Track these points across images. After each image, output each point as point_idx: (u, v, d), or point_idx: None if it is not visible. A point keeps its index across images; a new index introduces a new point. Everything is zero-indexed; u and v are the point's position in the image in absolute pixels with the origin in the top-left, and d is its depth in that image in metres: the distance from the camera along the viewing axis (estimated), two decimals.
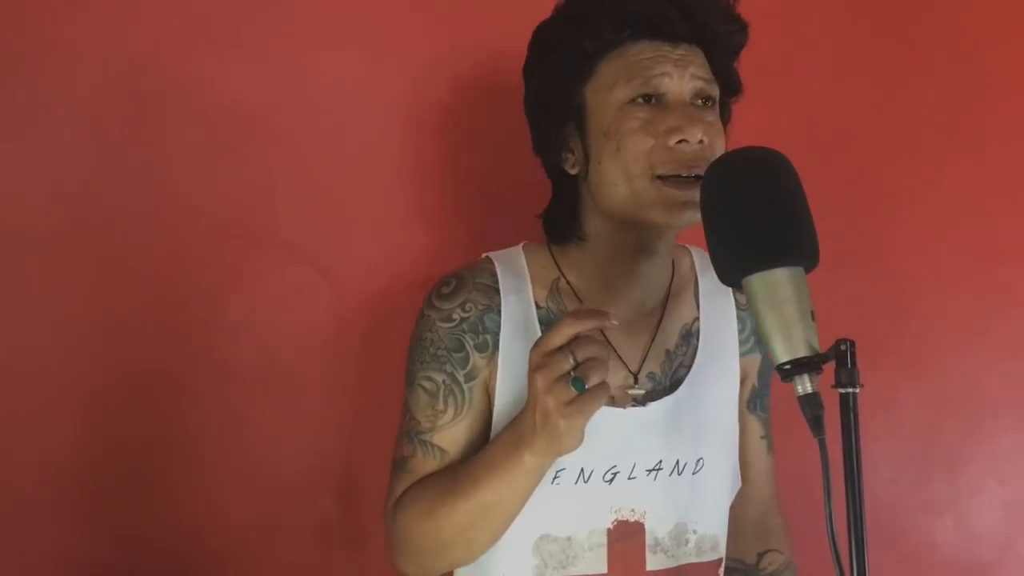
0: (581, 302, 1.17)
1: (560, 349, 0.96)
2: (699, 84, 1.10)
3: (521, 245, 1.22)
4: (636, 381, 1.15)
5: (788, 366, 0.86)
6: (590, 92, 1.12)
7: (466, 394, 1.14)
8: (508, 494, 1.06)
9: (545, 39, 1.18)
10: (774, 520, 1.31)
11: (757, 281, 0.88)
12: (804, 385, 0.85)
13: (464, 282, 1.17)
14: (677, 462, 1.14)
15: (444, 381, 1.15)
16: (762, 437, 1.27)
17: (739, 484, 1.24)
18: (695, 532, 1.16)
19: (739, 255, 0.89)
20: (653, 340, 1.17)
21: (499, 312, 1.14)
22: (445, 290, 1.17)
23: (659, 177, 1.07)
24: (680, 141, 1.06)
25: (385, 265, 1.54)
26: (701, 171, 1.04)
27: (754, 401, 1.26)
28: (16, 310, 1.48)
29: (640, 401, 1.14)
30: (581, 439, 0.99)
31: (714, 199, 0.94)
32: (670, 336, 1.18)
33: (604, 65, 1.11)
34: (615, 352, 1.15)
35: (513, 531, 1.12)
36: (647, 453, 1.13)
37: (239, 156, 1.52)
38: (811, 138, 1.51)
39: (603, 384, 0.96)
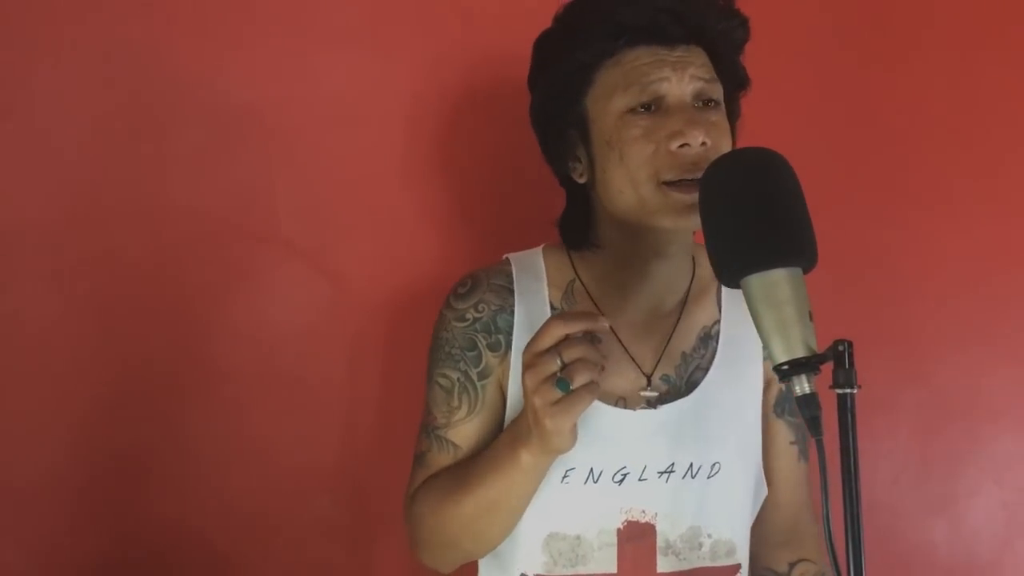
0: (595, 304, 1.18)
1: (549, 350, 0.98)
2: (699, 85, 1.10)
3: (541, 247, 1.24)
4: (649, 383, 1.15)
5: (786, 366, 0.86)
6: (590, 102, 1.13)
7: (479, 392, 1.17)
8: (509, 491, 1.08)
9: (544, 51, 1.19)
10: (806, 529, 1.27)
11: (755, 281, 0.88)
12: (802, 386, 0.85)
13: (479, 283, 1.20)
14: (691, 465, 1.14)
15: (458, 379, 1.18)
16: (792, 443, 1.24)
17: (765, 491, 1.23)
18: (709, 536, 1.15)
19: (737, 255, 0.89)
20: (668, 342, 1.17)
21: (512, 312, 1.17)
22: (461, 290, 1.20)
23: (665, 183, 1.07)
24: (682, 145, 1.06)
25: (386, 264, 1.54)
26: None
27: (781, 405, 1.24)
28: (14, 307, 1.48)
29: (652, 403, 1.14)
30: (571, 439, 1.01)
31: (713, 199, 0.94)
32: (687, 338, 1.18)
33: (602, 74, 1.12)
34: (628, 354, 1.16)
35: (524, 527, 1.14)
36: (658, 455, 1.13)
37: (240, 154, 1.52)
38: (811, 140, 1.51)
39: (590, 385, 0.98)
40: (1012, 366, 1.53)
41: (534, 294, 1.18)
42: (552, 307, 1.18)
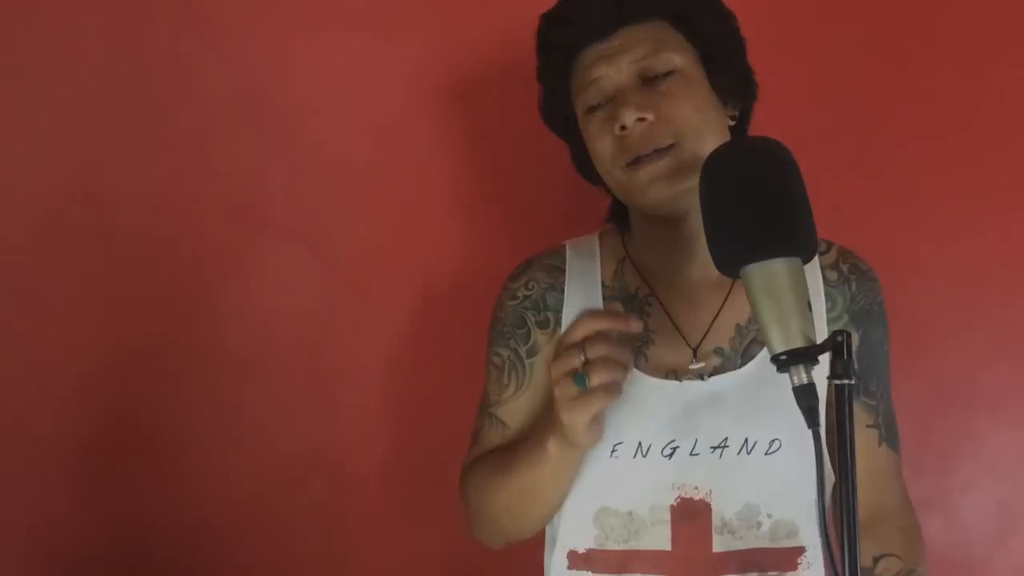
0: (644, 280, 1.19)
1: (577, 344, 0.99)
2: (637, 67, 1.12)
3: (599, 231, 1.27)
4: (695, 355, 1.15)
5: (784, 356, 0.86)
6: (575, 106, 1.19)
7: (527, 369, 1.20)
8: (541, 478, 1.10)
9: (537, 65, 1.23)
10: (894, 522, 1.19)
11: (755, 271, 0.87)
12: (800, 376, 0.85)
13: (532, 263, 1.24)
14: (746, 440, 1.11)
15: (508, 356, 1.21)
16: (868, 426, 1.18)
17: (832, 476, 1.20)
18: (769, 516, 1.12)
19: (738, 244, 0.89)
20: (718, 315, 1.17)
21: (562, 291, 1.20)
22: (516, 271, 1.25)
23: (627, 165, 1.12)
24: (622, 128, 1.10)
25: (381, 250, 1.54)
26: (658, 145, 1.09)
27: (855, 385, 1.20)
28: (10, 291, 1.48)
29: (702, 376, 1.14)
30: (590, 436, 1.02)
31: (712, 188, 0.93)
32: (741, 310, 1.16)
33: (572, 80, 1.18)
34: (675, 326, 1.16)
35: (574, 502, 1.15)
36: (710, 429, 1.12)
37: (237, 138, 1.52)
38: (808, 133, 1.50)
39: (609, 386, 0.99)
40: (1009, 361, 1.53)
41: (585, 273, 1.21)
42: (603, 284, 1.20)
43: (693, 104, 1.12)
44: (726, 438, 1.12)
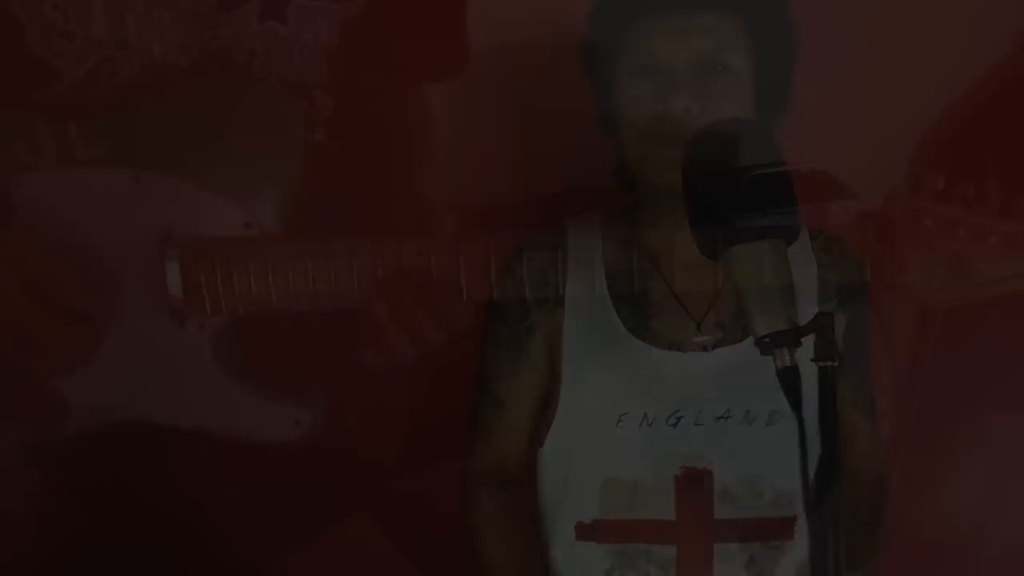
0: (647, 255, 1.20)
1: None
2: (699, 56, 1.11)
3: (600, 212, 1.27)
4: (699, 328, 1.17)
5: (767, 339, 0.86)
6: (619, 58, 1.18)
7: (523, 346, 1.21)
8: None
9: None
10: (859, 485, 1.23)
11: (739, 252, 0.88)
12: (783, 358, 0.86)
13: (532, 241, 1.25)
14: (748, 412, 1.15)
15: (505, 334, 1.22)
16: (851, 405, 1.23)
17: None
18: (771, 486, 1.16)
19: (719, 227, 0.89)
20: (721, 289, 1.18)
21: (563, 268, 1.21)
22: (515, 249, 1.25)
23: (651, 139, 1.11)
24: (664, 109, 1.09)
25: (375, 235, 1.53)
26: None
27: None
28: None
29: (705, 348, 1.16)
30: None
31: (696, 169, 0.94)
32: None
33: (628, 32, 1.16)
34: (677, 299, 1.18)
35: (580, 473, 1.18)
36: (714, 400, 1.15)
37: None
38: (796, 117, 1.50)
39: None
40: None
41: (587, 249, 1.22)
42: (605, 260, 1.20)
43: (734, 109, 1.12)
44: (728, 408, 1.15)
